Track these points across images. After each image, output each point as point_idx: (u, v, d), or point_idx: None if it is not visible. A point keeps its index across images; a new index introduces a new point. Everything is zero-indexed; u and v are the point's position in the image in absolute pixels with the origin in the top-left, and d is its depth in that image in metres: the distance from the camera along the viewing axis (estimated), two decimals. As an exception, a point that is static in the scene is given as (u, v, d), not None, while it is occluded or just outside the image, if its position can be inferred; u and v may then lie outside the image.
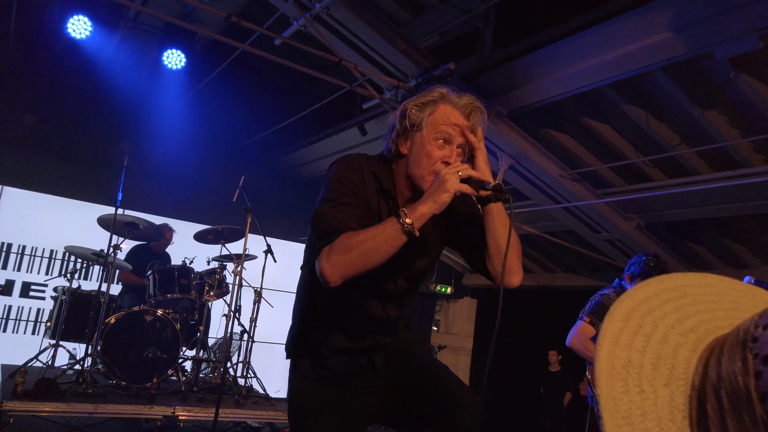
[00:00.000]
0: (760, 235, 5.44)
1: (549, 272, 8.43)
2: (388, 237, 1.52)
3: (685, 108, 4.40)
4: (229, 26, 5.18)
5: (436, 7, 5.28)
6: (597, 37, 3.95)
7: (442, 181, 1.54)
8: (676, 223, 5.82)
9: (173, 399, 4.53)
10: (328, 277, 1.51)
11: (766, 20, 3.23)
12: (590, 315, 3.58)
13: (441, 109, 1.66)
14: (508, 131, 4.96)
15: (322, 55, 4.65)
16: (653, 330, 0.62)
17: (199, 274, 5.35)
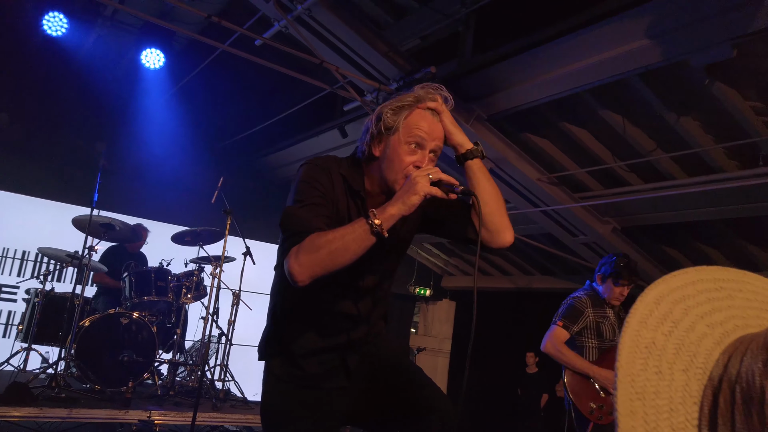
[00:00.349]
0: (732, 239, 5.57)
1: (527, 275, 8.51)
2: (356, 237, 1.53)
3: (661, 114, 4.48)
4: (209, 26, 5.14)
5: (417, 10, 5.30)
6: (576, 43, 4.00)
7: (412, 184, 1.55)
8: (651, 227, 5.91)
9: (149, 403, 4.47)
10: (297, 276, 1.52)
11: (739, 29, 3.31)
12: (563, 319, 3.61)
13: (415, 113, 1.69)
14: (488, 135, 5.00)
15: (303, 56, 4.63)
16: (682, 317, 0.64)
17: (177, 276, 5.29)
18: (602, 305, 3.69)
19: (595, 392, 3.51)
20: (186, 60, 6.33)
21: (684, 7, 3.42)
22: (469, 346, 1.58)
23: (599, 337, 3.63)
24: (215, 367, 5.44)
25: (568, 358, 3.56)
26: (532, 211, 5.82)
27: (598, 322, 3.64)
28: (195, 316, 5.82)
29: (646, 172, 5.25)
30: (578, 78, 4.20)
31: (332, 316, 1.79)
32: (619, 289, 3.62)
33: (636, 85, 4.29)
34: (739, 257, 5.84)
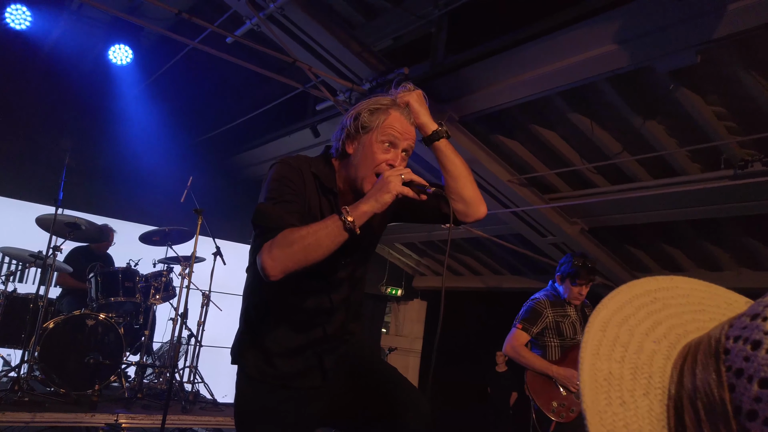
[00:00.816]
0: (694, 240, 5.73)
1: (497, 274, 8.61)
2: (329, 233, 1.56)
3: (628, 117, 4.59)
4: (179, 22, 5.05)
5: (390, 11, 5.31)
6: (546, 47, 4.06)
7: (385, 182, 1.60)
8: (617, 228, 6.05)
9: (116, 406, 4.38)
10: (269, 270, 1.54)
11: (703, 36, 3.41)
12: (522, 321, 3.68)
13: (391, 115, 1.75)
14: (460, 136, 5.05)
15: (275, 55, 4.60)
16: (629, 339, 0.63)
17: (145, 277, 5.19)
18: (563, 305, 3.77)
19: (557, 391, 3.57)
20: (155, 56, 6.22)
21: (650, 14, 3.50)
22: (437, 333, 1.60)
23: (560, 336, 3.71)
24: (184, 368, 5.36)
25: (527, 359, 3.64)
26: (503, 212, 5.89)
27: (558, 321, 3.71)
28: (163, 317, 5.73)
29: (613, 174, 5.37)
30: (548, 81, 4.26)
31: (306, 311, 1.79)
32: (578, 289, 3.70)
33: (604, 89, 4.39)
34: (701, 257, 6.01)
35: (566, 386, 3.54)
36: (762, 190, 4.43)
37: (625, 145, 4.96)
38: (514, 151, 5.46)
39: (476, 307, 9.02)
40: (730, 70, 3.84)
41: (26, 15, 5.16)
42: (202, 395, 5.33)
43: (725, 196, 4.72)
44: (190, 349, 5.54)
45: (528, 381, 3.67)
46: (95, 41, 5.92)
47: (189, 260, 5.16)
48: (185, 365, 5.42)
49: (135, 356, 5.23)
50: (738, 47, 3.64)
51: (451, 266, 9.10)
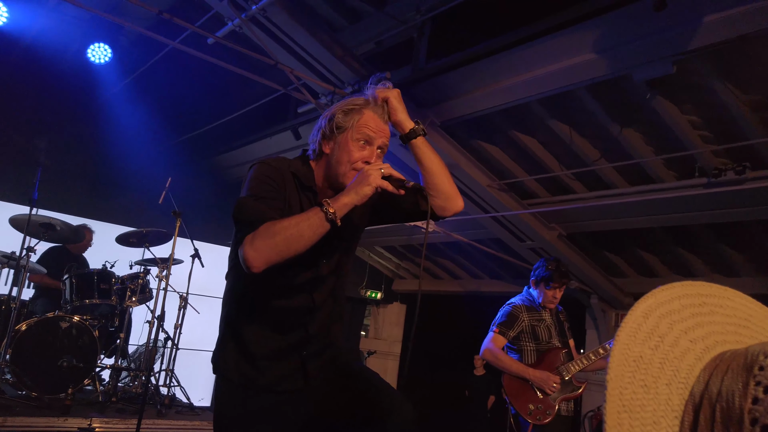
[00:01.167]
0: (669, 246, 5.83)
1: (476, 278, 8.66)
2: (311, 224, 1.59)
3: (606, 125, 4.66)
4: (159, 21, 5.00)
5: (373, 15, 5.32)
6: (526, 55, 4.11)
7: (365, 176, 1.65)
8: (594, 234, 6.13)
9: (90, 410, 4.30)
10: (252, 262, 1.55)
11: (679, 47, 3.48)
12: (500, 326, 3.75)
13: (365, 115, 1.80)
14: (441, 141, 5.07)
15: (257, 57, 4.58)
16: (668, 332, 0.67)
17: (121, 279, 5.12)
18: (538, 309, 3.84)
19: (533, 394, 3.61)
20: (135, 55, 6.14)
21: (628, 24, 3.57)
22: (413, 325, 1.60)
23: (536, 340, 3.77)
24: (160, 372, 5.29)
25: (505, 362, 3.68)
26: (482, 217, 5.93)
27: (534, 325, 3.78)
28: (140, 319, 5.65)
29: (591, 180, 5.45)
30: (528, 88, 4.31)
31: (288, 311, 1.80)
32: (551, 292, 3.77)
33: (583, 97, 4.45)
34: (675, 264, 6.12)
35: (542, 389, 3.58)
36: (734, 198, 4.54)
37: (603, 153, 5.03)
38: (494, 157, 5.51)
39: (455, 311, 9.05)
40: (705, 80, 3.92)
41: (3, 11, 5.07)
42: (179, 399, 5.26)
43: (699, 204, 4.81)
44: (166, 353, 5.47)
45: (505, 384, 3.70)
46: (74, 39, 5.83)
47: (167, 262, 5.11)
48: (161, 368, 5.36)
49: (110, 359, 5.15)
50: (713, 58, 3.73)
51: (431, 270, 9.13)
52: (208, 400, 5.65)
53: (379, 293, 9.66)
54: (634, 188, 5.17)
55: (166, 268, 5.07)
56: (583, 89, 4.32)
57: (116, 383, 4.84)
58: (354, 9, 5.40)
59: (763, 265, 5.51)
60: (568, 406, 3.70)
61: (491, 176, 5.55)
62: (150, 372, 4.85)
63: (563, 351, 3.80)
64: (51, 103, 6.56)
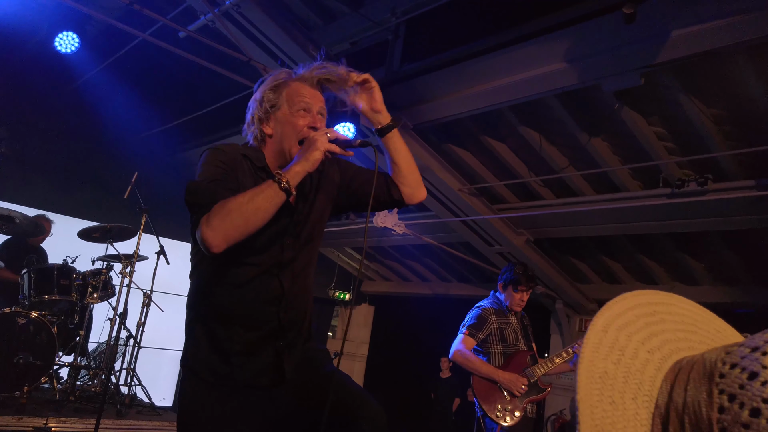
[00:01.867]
0: (633, 253, 5.96)
1: (444, 281, 8.71)
2: (266, 196, 1.58)
3: (575, 134, 4.74)
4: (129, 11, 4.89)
5: (348, 15, 5.30)
6: (499, 61, 4.15)
7: (312, 141, 1.67)
8: (561, 240, 6.23)
9: (46, 409, 4.18)
10: (211, 241, 1.53)
11: (647, 60, 3.56)
12: (469, 327, 3.82)
13: (293, 86, 1.84)
14: (413, 144, 5.09)
15: (229, 52, 4.52)
16: (627, 344, 0.67)
17: (82, 275, 4.99)
18: (505, 312, 3.93)
19: (501, 395, 3.68)
20: (103, 46, 5.99)
21: (599, 36, 3.64)
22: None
23: (503, 342, 3.84)
24: (121, 370, 5.18)
25: (474, 364, 3.74)
26: (453, 220, 5.97)
27: (502, 328, 3.86)
28: (101, 317, 5.52)
29: (559, 187, 5.53)
30: (500, 95, 4.36)
31: (258, 301, 1.76)
32: (519, 295, 3.88)
33: (553, 105, 4.52)
34: (638, 271, 6.26)
35: (510, 390, 3.64)
36: (696, 209, 4.66)
37: (572, 161, 5.11)
38: (465, 161, 5.55)
39: (423, 313, 9.09)
40: (671, 93, 4.02)
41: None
42: (140, 399, 5.16)
43: (663, 214, 4.93)
44: (128, 351, 5.35)
45: (474, 386, 3.75)
46: (39, 27, 5.66)
47: (131, 258, 5.00)
48: (122, 367, 5.24)
49: (69, 357, 5.01)
50: (678, 72, 3.83)
51: (400, 272, 9.15)
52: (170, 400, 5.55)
53: (348, 294, 9.64)
54: (601, 196, 5.27)
55: (130, 265, 4.96)
56: (554, 98, 4.38)
57: (75, 382, 4.71)
58: (329, 8, 5.37)
59: (721, 274, 5.68)
60: (532, 408, 3.78)
61: (462, 180, 5.59)
62: (110, 370, 4.74)
63: (529, 354, 3.88)
64: (12, 91, 6.36)
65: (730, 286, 5.73)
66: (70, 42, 5.10)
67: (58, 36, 4.98)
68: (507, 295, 3.92)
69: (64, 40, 5.03)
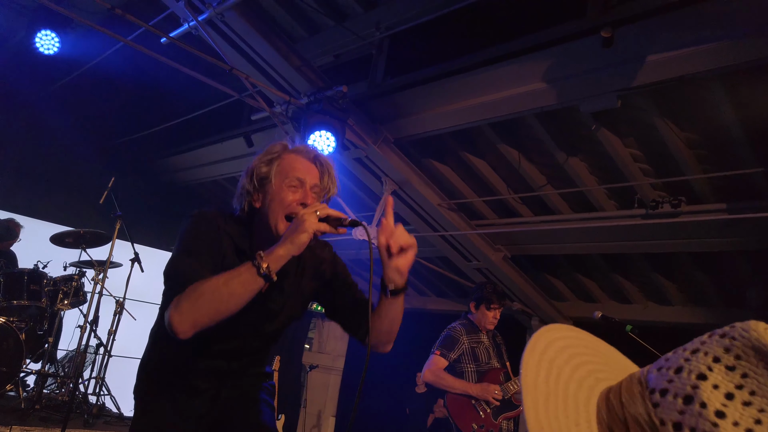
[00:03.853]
0: (607, 272, 6.03)
1: (422, 296, 8.70)
2: (242, 281, 1.46)
3: (553, 153, 4.80)
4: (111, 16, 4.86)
5: (332, 28, 5.34)
6: (480, 79, 4.20)
7: (300, 221, 1.51)
8: (538, 257, 6.28)
9: (10, 418, 4.07)
10: (177, 326, 1.42)
11: (624, 83, 3.64)
12: (440, 348, 3.89)
13: (287, 158, 1.72)
14: (394, 157, 5.11)
15: (211, 60, 4.50)
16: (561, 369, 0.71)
17: (53, 280, 4.90)
18: (477, 331, 3.97)
19: (476, 413, 3.69)
20: (84, 49, 5.93)
21: (578, 58, 3.71)
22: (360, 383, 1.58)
23: (476, 361, 3.88)
24: (90, 379, 5.07)
25: (447, 381, 3.78)
26: (431, 235, 5.99)
27: (473, 347, 3.91)
28: (71, 324, 5.41)
29: (537, 205, 5.59)
30: (480, 112, 4.41)
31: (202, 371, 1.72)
32: (492, 313, 3.94)
33: (532, 124, 4.58)
34: (612, 290, 6.33)
35: (486, 400, 3.68)
36: (669, 230, 4.75)
37: (549, 179, 5.18)
38: (444, 176, 5.58)
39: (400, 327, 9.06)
40: (646, 116, 4.11)
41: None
42: (108, 408, 5.05)
43: (637, 234, 5.01)
44: (97, 359, 5.24)
45: (448, 404, 3.76)
46: (19, 27, 5.59)
47: (103, 265, 4.92)
48: (91, 376, 5.13)
49: (36, 364, 4.90)
50: (654, 96, 3.91)
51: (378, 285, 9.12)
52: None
53: (325, 306, 9.56)
54: (577, 215, 5.34)
55: (103, 271, 4.88)
56: (533, 116, 4.44)
57: (41, 390, 4.60)
58: (314, 21, 5.41)
59: (693, 295, 5.77)
60: (509, 425, 3.80)
61: (441, 195, 5.62)
62: (78, 379, 4.64)
63: (502, 371, 3.91)
64: (-11, 93, 6.26)
65: (702, 306, 5.82)
66: (51, 42, 5.02)
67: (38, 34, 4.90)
68: (480, 314, 3.97)
69: (44, 40, 4.96)
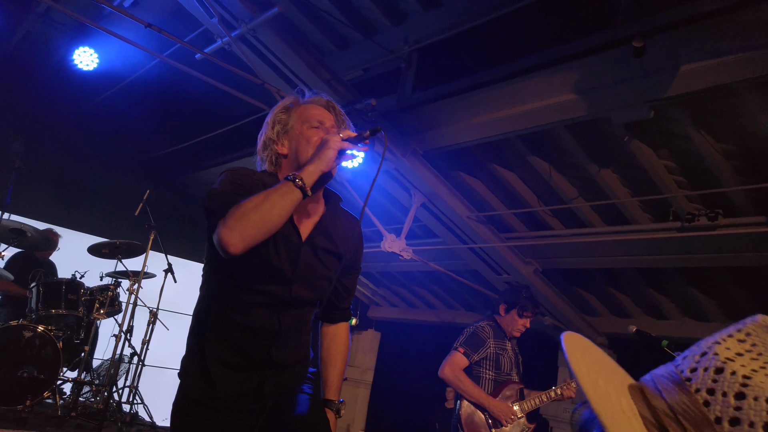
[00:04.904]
0: (642, 287, 5.89)
1: (451, 309, 8.64)
2: (281, 193, 1.57)
3: (584, 165, 4.73)
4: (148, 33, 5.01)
5: (361, 43, 5.39)
6: (509, 91, 4.18)
7: (325, 141, 1.66)
8: (569, 271, 6.18)
9: (47, 424, 4.18)
10: (228, 240, 1.51)
11: (656, 93, 3.57)
12: (464, 346, 3.61)
13: (304, 106, 1.87)
14: (423, 170, 5.11)
15: (244, 75, 4.59)
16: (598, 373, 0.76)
17: (90, 290, 5.03)
18: (503, 337, 3.74)
19: (486, 426, 3.52)
20: (121, 65, 6.12)
21: (608, 68, 3.66)
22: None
23: (497, 369, 3.64)
24: (124, 388, 5.17)
25: (466, 386, 3.51)
26: (460, 248, 5.95)
27: (498, 353, 3.67)
28: (107, 333, 5.54)
29: (568, 218, 5.51)
30: (509, 124, 4.38)
31: (251, 331, 1.75)
32: (523, 321, 3.71)
33: (563, 136, 4.53)
34: (647, 305, 6.18)
35: (499, 420, 3.50)
36: (706, 243, 4.61)
37: (581, 191, 5.10)
38: (474, 189, 5.56)
39: (429, 341, 9.00)
40: (681, 127, 4.02)
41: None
42: (141, 417, 5.14)
43: (672, 247, 4.88)
44: (131, 368, 5.35)
45: (462, 411, 3.57)
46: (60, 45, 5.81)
47: (138, 275, 5.03)
48: (125, 385, 5.23)
49: (73, 372, 5.02)
50: (688, 106, 3.83)
51: (407, 299, 9.10)
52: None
53: (354, 319, 9.58)
54: (610, 228, 5.23)
55: (137, 282, 4.99)
56: (564, 128, 4.40)
57: (77, 397, 4.71)
58: (343, 36, 5.47)
59: (732, 311, 5.58)
60: None
61: (470, 208, 5.59)
62: (113, 387, 4.74)
63: (519, 387, 3.70)
64: (31, 108, 6.50)
65: (742, 323, 5.63)
66: (89, 58, 5.20)
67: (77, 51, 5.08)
68: (509, 319, 3.75)
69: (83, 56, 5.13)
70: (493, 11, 4.21)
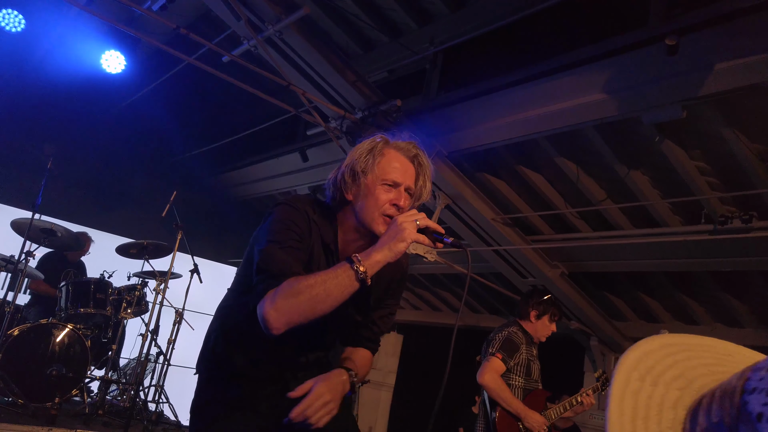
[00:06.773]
0: (671, 291, 5.77)
1: (475, 313, 8.57)
2: (339, 283, 1.46)
3: (613, 166, 4.65)
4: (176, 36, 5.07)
5: (387, 45, 5.40)
6: (536, 91, 4.13)
7: (399, 230, 1.50)
8: (596, 274, 6.07)
9: (75, 421, 4.22)
10: (272, 323, 1.44)
11: (689, 92, 3.49)
12: (501, 351, 3.53)
13: (387, 154, 1.68)
14: (448, 171, 5.07)
15: (270, 77, 4.62)
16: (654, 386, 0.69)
17: (118, 290, 5.08)
18: (532, 343, 3.68)
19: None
20: (149, 68, 6.22)
21: (640, 67, 3.59)
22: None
23: (528, 376, 3.58)
24: (150, 387, 5.22)
25: (506, 395, 3.45)
26: (485, 250, 5.90)
27: (530, 360, 3.61)
28: (133, 332, 5.60)
29: (596, 220, 5.42)
30: (536, 124, 4.32)
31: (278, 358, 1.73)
32: (553, 326, 3.66)
33: (591, 136, 4.45)
34: (677, 309, 6.05)
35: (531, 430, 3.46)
36: (739, 247, 4.49)
37: (609, 193, 5.02)
38: (499, 190, 5.50)
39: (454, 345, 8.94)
40: (714, 127, 3.93)
41: (19, 19, 5.17)
42: (166, 416, 5.18)
43: (704, 251, 4.77)
44: (157, 368, 5.40)
45: (498, 420, 3.52)
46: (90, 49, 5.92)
47: (165, 276, 5.08)
48: (151, 384, 5.28)
49: (100, 371, 5.08)
50: (721, 105, 3.74)
51: (430, 302, 9.06)
52: (195, 419, 5.55)
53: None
54: (639, 231, 5.13)
55: (164, 282, 5.04)
56: (592, 128, 4.33)
57: (104, 396, 4.77)
58: (369, 38, 5.48)
59: (766, 317, 5.43)
60: None
61: (496, 210, 5.53)
62: (139, 386, 4.78)
63: (547, 395, 3.63)
64: (63, 111, 6.63)
65: (776, 329, 5.48)
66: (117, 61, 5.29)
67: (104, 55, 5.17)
68: (540, 325, 3.68)
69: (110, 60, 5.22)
70: (519, 11, 4.17)
